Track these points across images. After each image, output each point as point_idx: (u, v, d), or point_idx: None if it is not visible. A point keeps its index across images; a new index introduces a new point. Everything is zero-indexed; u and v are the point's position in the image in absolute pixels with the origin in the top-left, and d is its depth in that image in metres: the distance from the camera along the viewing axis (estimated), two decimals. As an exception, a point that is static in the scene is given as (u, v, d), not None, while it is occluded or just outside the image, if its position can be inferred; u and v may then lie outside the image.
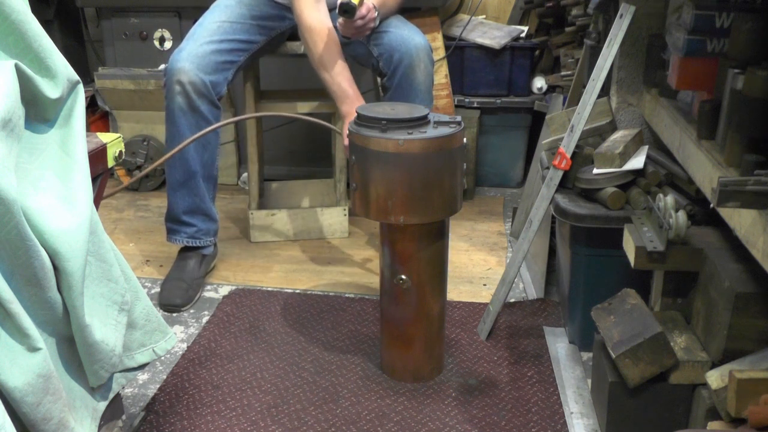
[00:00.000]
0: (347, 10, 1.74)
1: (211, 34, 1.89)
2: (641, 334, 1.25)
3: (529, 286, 1.99)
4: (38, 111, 1.02)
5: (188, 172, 1.91)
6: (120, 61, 2.73)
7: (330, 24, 1.85)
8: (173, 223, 1.98)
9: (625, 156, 1.57)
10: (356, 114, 1.45)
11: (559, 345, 1.70)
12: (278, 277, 2.06)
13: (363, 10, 1.80)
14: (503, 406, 1.49)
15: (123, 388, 1.23)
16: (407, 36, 1.88)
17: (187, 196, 1.94)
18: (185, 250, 2.01)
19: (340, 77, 1.82)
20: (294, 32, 2.08)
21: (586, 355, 1.65)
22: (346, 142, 1.74)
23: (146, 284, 2.01)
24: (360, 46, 1.96)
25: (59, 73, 1.02)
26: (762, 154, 1.11)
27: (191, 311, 1.88)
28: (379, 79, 2.01)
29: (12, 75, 0.93)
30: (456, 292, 1.96)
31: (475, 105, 2.65)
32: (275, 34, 2.01)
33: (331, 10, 1.93)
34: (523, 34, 2.66)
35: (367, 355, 1.68)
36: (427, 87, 1.95)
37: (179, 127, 1.87)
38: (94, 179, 1.10)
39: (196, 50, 1.84)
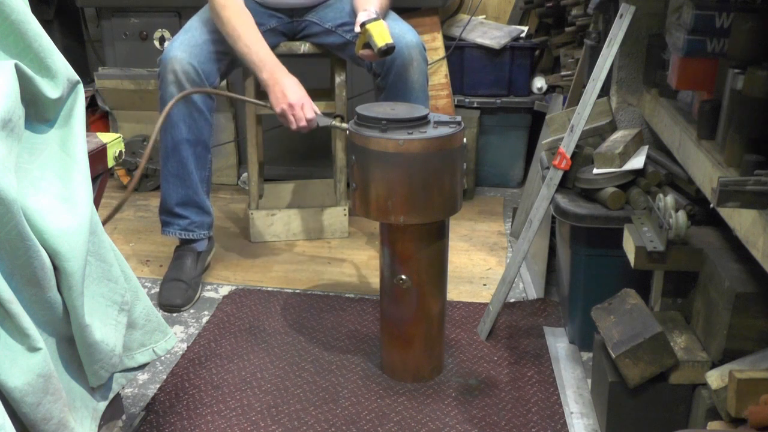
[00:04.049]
0: (388, 53, 1.73)
1: (203, 25, 1.90)
2: (641, 334, 1.25)
3: (529, 286, 1.99)
4: (38, 111, 1.02)
5: (181, 164, 1.91)
6: (120, 61, 2.73)
7: (242, 2, 1.84)
8: (167, 215, 1.98)
9: (625, 156, 1.57)
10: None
11: (559, 345, 1.70)
12: (278, 277, 2.06)
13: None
14: (503, 406, 1.49)
15: (123, 388, 1.23)
16: (399, 35, 1.87)
17: (180, 188, 1.94)
18: (180, 249, 2.01)
19: (257, 46, 1.81)
20: (292, 32, 2.07)
21: (586, 355, 1.65)
22: (278, 109, 1.76)
23: (146, 284, 2.01)
24: (354, 46, 1.96)
25: (59, 73, 1.02)
26: (762, 154, 1.11)
27: (191, 311, 1.89)
28: (374, 79, 2.00)
29: (12, 75, 0.93)
30: (456, 292, 1.96)
31: (475, 105, 2.65)
32: (265, 30, 2.01)
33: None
34: (523, 34, 2.66)
35: (367, 355, 1.68)
36: (422, 85, 1.94)
37: (172, 118, 1.87)
38: (94, 179, 1.11)
39: (189, 40, 1.85)
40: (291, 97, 1.75)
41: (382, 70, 1.92)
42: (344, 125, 1.75)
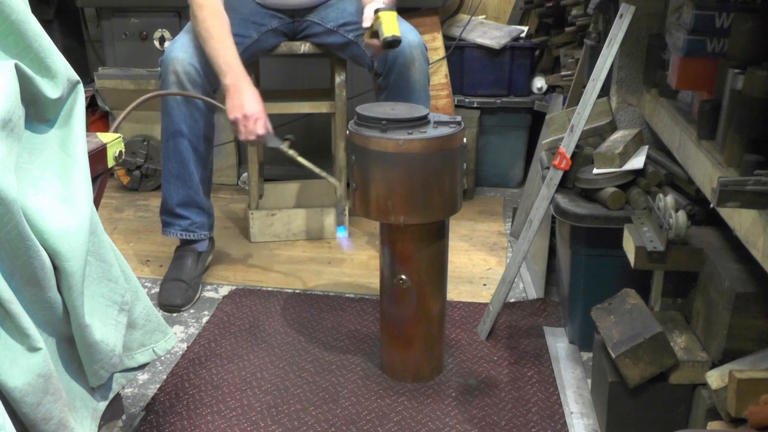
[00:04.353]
0: (393, 45, 1.71)
1: None
2: (641, 334, 1.25)
3: (529, 286, 1.99)
4: (38, 111, 1.02)
5: (182, 164, 1.90)
6: (120, 61, 2.73)
7: (221, 4, 1.83)
8: (167, 215, 1.98)
9: (625, 156, 1.57)
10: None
11: (559, 345, 1.70)
12: (278, 277, 2.06)
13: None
14: (503, 406, 1.49)
15: (123, 388, 1.23)
16: (401, 34, 1.86)
17: (181, 188, 1.93)
18: (181, 249, 2.01)
19: (225, 50, 1.78)
20: (293, 32, 2.07)
21: (586, 355, 1.65)
22: (232, 117, 1.74)
23: (146, 284, 2.01)
24: (355, 46, 1.95)
25: (59, 73, 1.02)
26: (762, 154, 1.11)
27: (191, 311, 1.88)
28: (374, 79, 2.00)
29: (12, 75, 0.93)
30: (456, 292, 1.96)
31: (475, 105, 2.65)
32: (266, 30, 2.01)
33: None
34: (523, 34, 2.66)
35: (367, 355, 1.68)
36: (423, 85, 1.94)
37: (174, 118, 1.87)
38: (94, 179, 1.10)
39: (191, 41, 1.85)
40: (248, 108, 1.73)
41: (383, 69, 1.91)
42: (291, 151, 1.75)
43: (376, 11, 1.73)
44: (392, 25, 1.70)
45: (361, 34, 1.93)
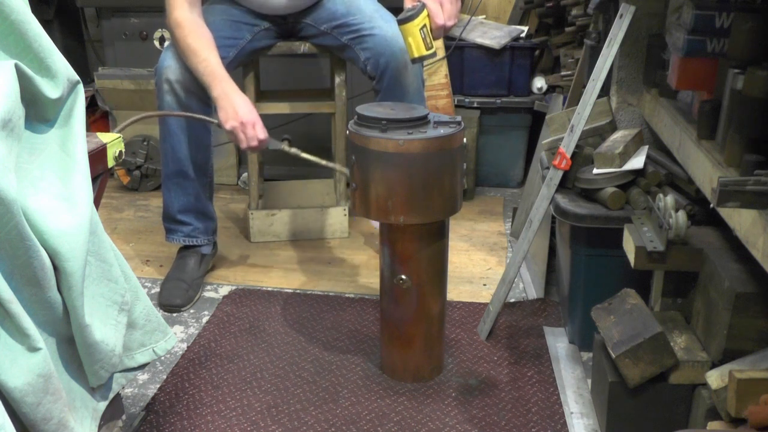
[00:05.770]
0: (423, 59, 1.60)
1: None
2: (641, 334, 1.25)
3: (529, 286, 1.99)
4: (38, 111, 1.02)
5: (181, 172, 1.90)
6: (120, 61, 2.73)
7: (200, 21, 1.80)
8: (169, 222, 1.98)
9: (625, 156, 1.57)
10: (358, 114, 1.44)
11: (559, 345, 1.70)
12: (278, 277, 2.06)
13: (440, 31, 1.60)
14: (503, 406, 1.49)
15: (123, 388, 1.23)
16: (392, 38, 1.84)
17: (182, 195, 1.93)
18: (184, 250, 2.01)
19: (207, 62, 1.74)
20: (288, 33, 2.07)
21: (586, 355, 1.65)
22: (228, 126, 1.70)
23: (146, 284, 2.01)
24: (349, 50, 1.94)
25: (59, 73, 1.02)
26: (762, 154, 1.11)
27: (191, 311, 1.88)
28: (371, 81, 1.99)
29: (12, 75, 0.93)
30: (456, 292, 1.96)
31: (475, 105, 2.65)
32: (259, 30, 1.99)
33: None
34: (523, 34, 2.66)
35: (367, 355, 1.68)
36: (417, 88, 1.92)
37: (170, 127, 1.86)
38: (94, 179, 1.10)
39: None
40: (243, 115, 1.68)
41: (376, 73, 1.90)
42: (293, 150, 1.71)
43: (400, 23, 1.56)
44: (417, 44, 1.56)
45: (355, 38, 1.93)
